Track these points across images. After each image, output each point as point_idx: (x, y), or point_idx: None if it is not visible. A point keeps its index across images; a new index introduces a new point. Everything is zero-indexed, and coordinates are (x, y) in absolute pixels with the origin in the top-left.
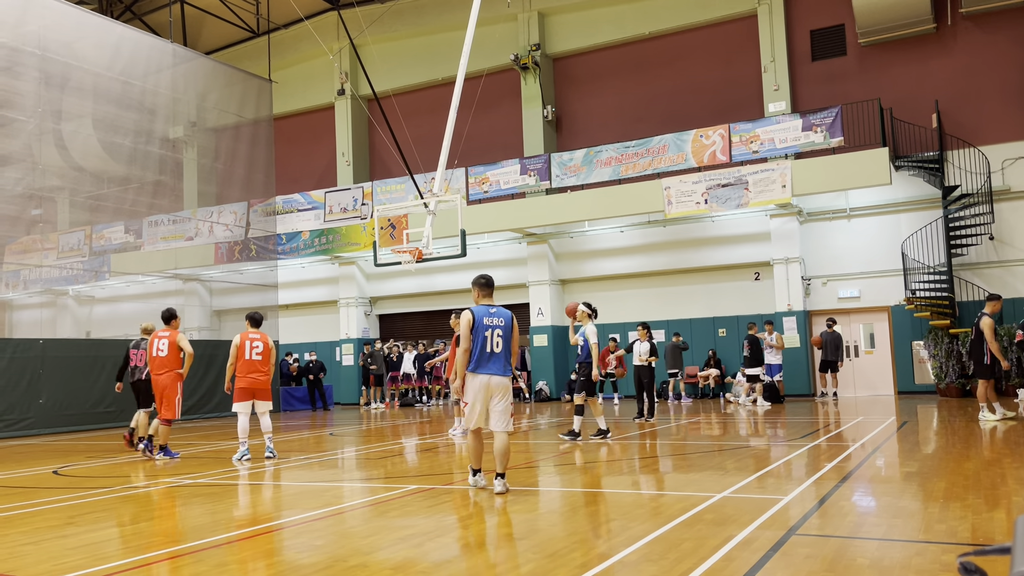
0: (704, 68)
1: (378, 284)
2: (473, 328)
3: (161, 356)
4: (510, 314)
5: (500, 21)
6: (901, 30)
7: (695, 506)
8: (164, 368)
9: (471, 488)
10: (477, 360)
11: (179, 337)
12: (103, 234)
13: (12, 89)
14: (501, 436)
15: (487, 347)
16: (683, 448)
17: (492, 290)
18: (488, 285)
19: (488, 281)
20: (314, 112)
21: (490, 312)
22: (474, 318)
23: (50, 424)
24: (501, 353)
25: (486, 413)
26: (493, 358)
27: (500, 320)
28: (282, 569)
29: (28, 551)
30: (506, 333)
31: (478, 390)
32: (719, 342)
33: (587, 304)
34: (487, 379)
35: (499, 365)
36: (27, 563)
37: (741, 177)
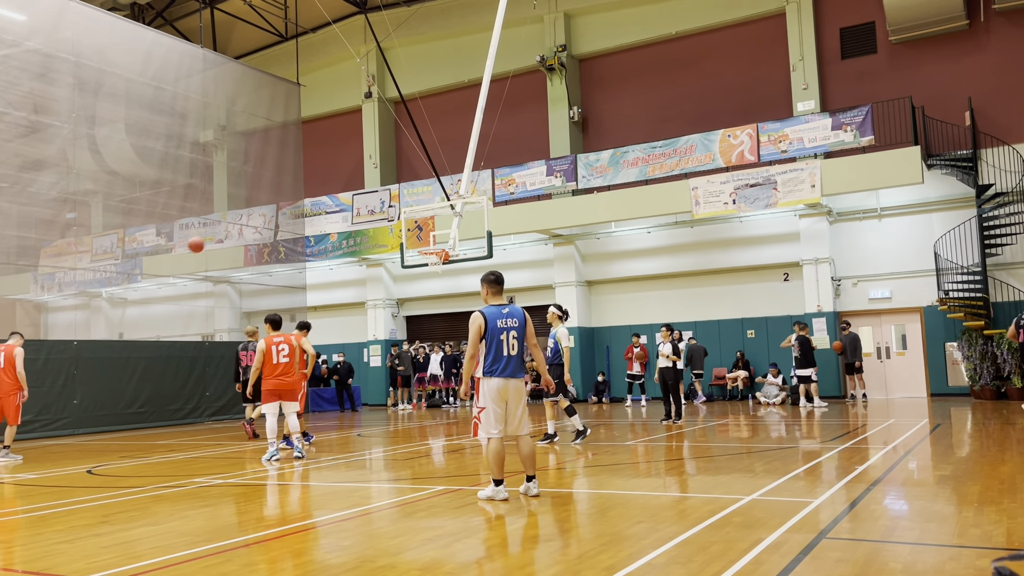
0: (731, 67)
1: (405, 286)
2: (486, 332)
3: None
4: (523, 312)
5: (526, 23)
6: (933, 27)
7: (723, 509)
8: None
9: (492, 501)
10: (493, 363)
11: (303, 340)
12: (135, 237)
13: (47, 95)
14: (525, 439)
15: (503, 350)
16: (711, 450)
17: (503, 287)
18: (498, 282)
19: (498, 278)
20: (342, 115)
21: (503, 313)
22: (486, 322)
23: (84, 424)
24: (517, 355)
25: (506, 417)
26: (510, 360)
27: (514, 320)
28: (311, 569)
29: (63, 549)
30: (520, 333)
31: (496, 394)
32: (747, 343)
33: (558, 306)
34: (504, 383)
35: (515, 367)
36: (62, 561)
37: (769, 177)
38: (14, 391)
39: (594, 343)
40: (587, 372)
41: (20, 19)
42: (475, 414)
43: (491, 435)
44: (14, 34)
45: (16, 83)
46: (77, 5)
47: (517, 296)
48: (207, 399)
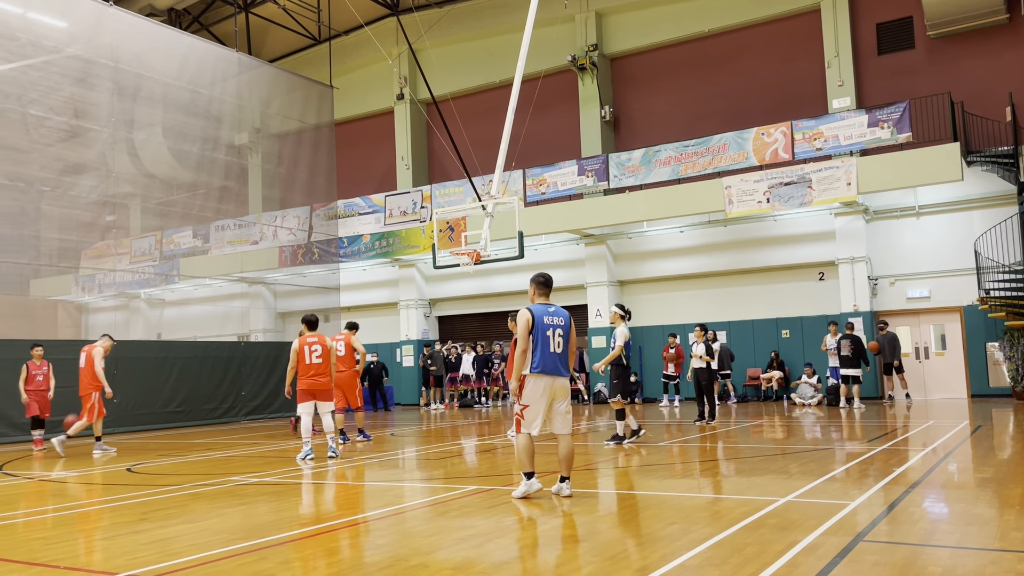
0: (765, 65)
1: (437, 286)
2: (533, 328)
3: (339, 355)
4: (568, 314)
5: (557, 22)
6: (972, 21)
7: (758, 510)
8: (345, 366)
9: (525, 495)
10: (540, 361)
11: (352, 339)
12: (172, 239)
13: (87, 100)
14: (566, 439)
15: (549, 347)
16: (745, 451)
17: (550, 290)
18: (547, 284)
19: (547, 280)
20: (374, 117)
21: (549, 311)
22: (533, 318)
23: (123, 423)
24: (562, 353)
25: (548, 416)
26: (555, 358)
27: (560, 319)
28: (344, 567)
29: (104, 546)
30: (566, 333)
31: (541, 392)
32: (782, 343)
33: (620, 305)
34: (551, 381)
35: (561, 366)
36: (103, 558)
37: (804, 175)
38: (93, 389)
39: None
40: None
41: (61, 26)
42: (517, 411)
43: (531, 431)
44: (55, 40)
45: (57, 88)
46: (116, 11)
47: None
48: (243, 398)
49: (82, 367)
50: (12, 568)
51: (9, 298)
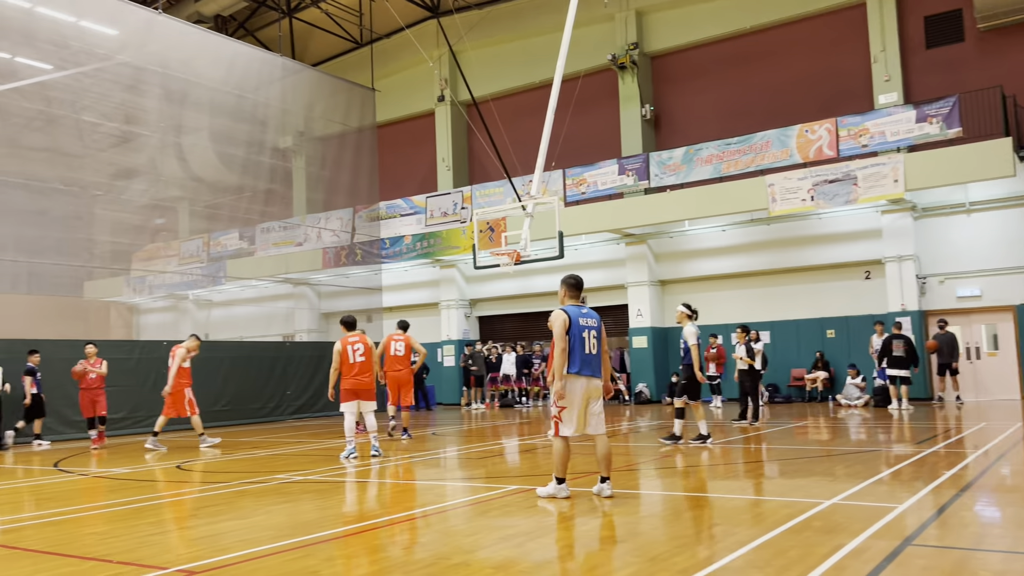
0: (809, 60)
1: (477, 286)
2: (570, 328)
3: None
4: (599, 315)
5: (597, 22)
6: (1023, 14)
7: (802, 513)
8: (402, 365)
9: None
10: (578, 362)
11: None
12: (219, 241)
13: (137, 106)
14: (603, 439)
15: (584, 348)
16: (789, 453)
17: (581, 291)
18: (578, 286)
19: (578, 282)
20: (415, 119)
21: (583, 312)
22: (570, 318)
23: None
24: (596, 354)
25: (585, 418)
26: (590, 359)
27: (593, 321)
28: (387, 565)
29: (155, 541)
30: (599, 334)
31: (579, 393)
32: (827, 343)
33: (687, 305)
34: (587, 381)
35: (596, 366)
36: (154, 552)
37: (850, 172)
38: (184, 386)
39: (667, 343)
40: (660, 373)
41: (112, 34)
42: (555, 413)
43: (569, 433)
44: (106, 48)
45: (108, 95)
46: (165, 19)
47: (589, 296)
48: (287, 398)
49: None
50: (67, 562)
51: (64, 300)
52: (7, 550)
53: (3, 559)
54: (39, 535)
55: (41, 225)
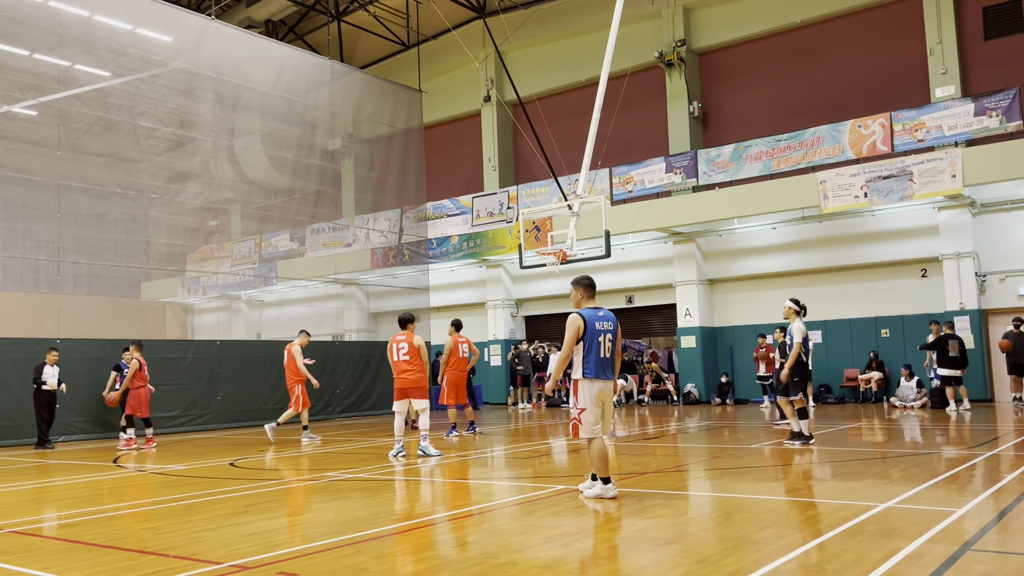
0: (861, 54)
1: (524, 286)
2: (586, 333)
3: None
4: (615, 317)
5: (644, 19)
6: None
7: (856, 516)
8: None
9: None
10: (594, 366)
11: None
12: (271, 242)
13: (192, 111)
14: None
15: (601, 352)
16: (842, 455)
17: (595, 292)
18: (592, 287)
19: (592, 283)
20: (461, 119)
21: (599, 316)
22: (585, 323)
23: (226, 419)
24: (611, 358)
25: (603, 418)
26: (606, 363)
27: (609, 324)
28: (436, 563)
29: (208, 536)
30: (615, 337)
31: (596, 396)
32: (881, 343)
33: (795, 300)
34: (603, 385)
35: (609, 370)
36: (207, 548)
37: (905, 168)
38: (296, 381)
39: (717, 343)
40: (710, 373)
41: (167, 40)
42: (574, 415)
43: (593, 434)
44: (162, 55)
45: (164, 101)
46: (218, 25)
47: (636, 295)
48: (337, 396)
49: (285, 363)
50: (125, 556)
51: (123, 300)
52: (69, 544)
53: (65, 552)
54: (98, 529)
55: (101, 228)
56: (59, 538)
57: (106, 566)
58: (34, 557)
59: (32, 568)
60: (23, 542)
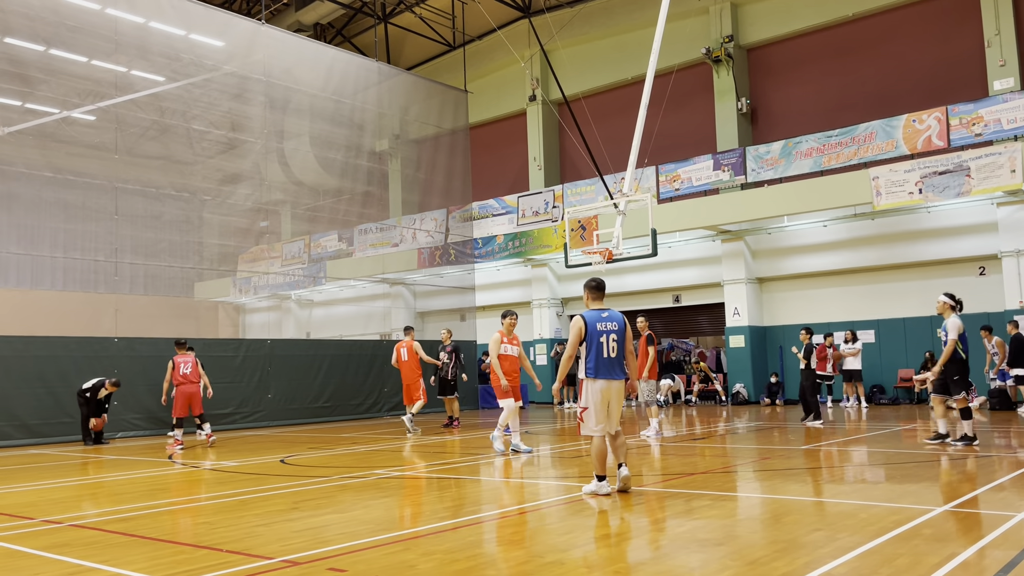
0: (916, 47)
1: (569, 285)
2: (587, 334)
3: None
4: (623, 317)
5: (691, 15)
6: None
7: (911, 519)
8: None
9: (595, 495)
10: (595, 366)
11: None
12: (320, 242)
13: (243, 114)
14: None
15: (603, 352)
16: (896, 456)
17: (603, 294)
18: (599, 289)
19: (599, 285)
20: (507, 119)
21: (602, 317)
22: (586, 325)
23: (277, 417)
24: (617, 357)
25: (609, 417)
26: (610, 363)
27: (614, 324)
28: (482, 561)
29: (260, 532)
30: (620, 336)
31: (599, 396)
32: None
33: (949, 295)
34: (606, 384)
35: (616, 369)
36: (260, 543)
37: (961, 163)
38: (419, 376)
39: (766, 343)
40: (758, 373)
41: (219, 45)
42: (578, 413)
43: (594, 433)
44: (214, 59)
45: (216, 104)
46: (268, 29)
47: (683, 294)
48: (385, 394)
49: (404, 360)
50: (181, 549)
51: (177, 300)
52: (126, 537)
53: (122, 546)
54: (155, 523)
55: (156, 229)
56: (118, 531)
57: (163, 559)
58: (95, 550)
59: (92, 560)
60: (84, 535)
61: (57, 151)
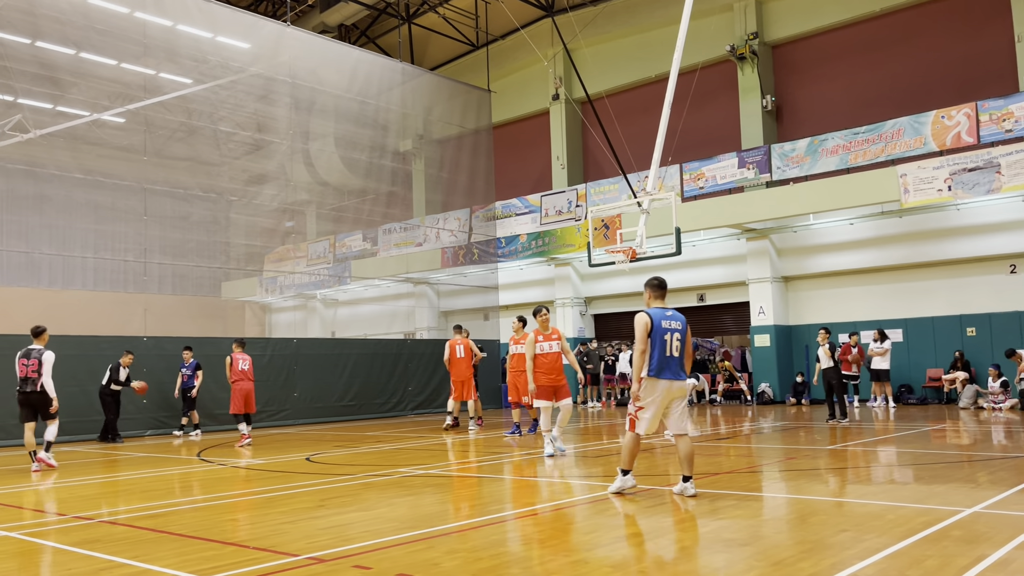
0: (944, 43)
1: (592, 284)
2: (652, 331)
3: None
4: (684, 318)
5: (715, 12)
6: None
7: (940, 521)
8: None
9: (619, 491)
10: (658, 364)
11: None
12: (344, 242)
13: (269, 115)
14: (685, 440)
15: (667, 350)
16: (924, 457)
17: (665, 292)
18: (661, 287)
19: (661, 283)
20: (530, 118)
21: (667, 315)
22: (652, 321)
23: (302, 415)
24: (679, 357)
25: (659, 420)
26: (673, 362)
27: (677, 323)
28: (506, 560)
29: (287, 529)
30: (683, 336)
31: (658, 395)
32: (967, 342)
33: None
34: (668, 384)
35: (678, 369)
36: (286, 540)
37: (992, 159)
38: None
39: (791, 342)
40: (784, 373)
41: (245, 47)
42: (632, 412)
43: (646, 433)
44: (240, 61)
45: (243, 105)
46: (293, 31)
47: (708, 293)
48: (409, 393)
49: (460, 357)
50: (209, 546)
51: (205, 300)
52: (155, 534)
53: (153, 542)
54: (183, 520)
55: (184, 229)
56: (147, 528)
57: (191, 555)
58: (124, 546)
59: (122, 556)
60: (114, 531)
61: (88, 153)
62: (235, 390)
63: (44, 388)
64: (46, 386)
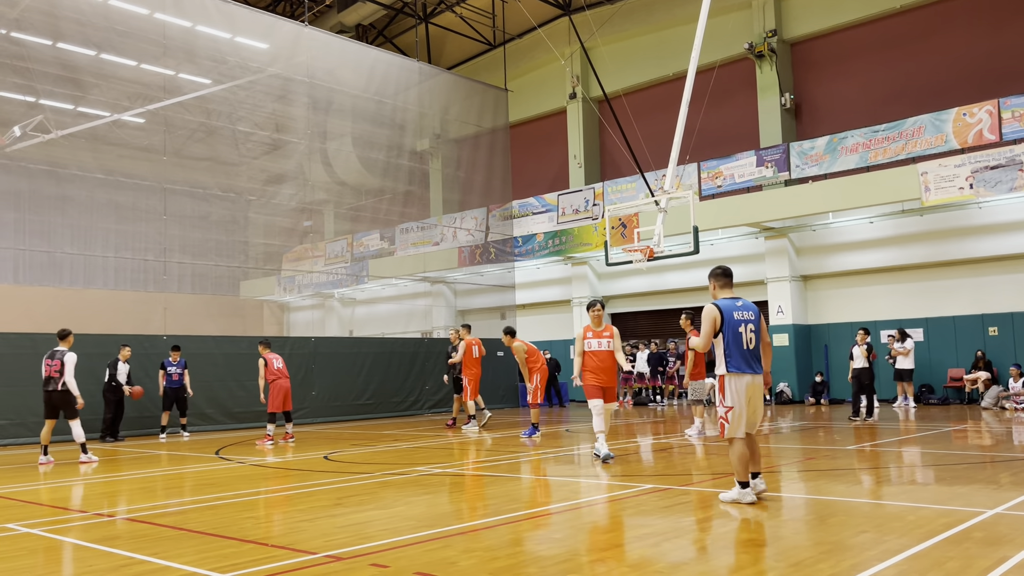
0: (966, 40)
1: (610, 283)
2: (723, 324)
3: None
4: (756, 307)
5: (733, 10)
6: None
7: (961, 522)
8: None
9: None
10: (738, 359)
11: None
12: (362, 241)
13: (287, 115)
14: (752, 437)
15: (742, 343)
16: (946, 458)
17: (732, 281)
18: (727, 275)
19: (727, 271)
20: (547, 117)
21: (737, 305)
22: (722, 313)
23: (320, 414)
24: (755, 349)
25: (750, 416)
26: (750, 355)
27: (750, 313)
28: (523, 559)
29: (304, 527)
30: (757, 327)
31: (743, 391)
32: (989, 341)
33: None
34: (751, 379)
35: (756, 363)
36: (304, 538)
37: (1015, 157)
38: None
39: (811, 341)
40: (803, 372)
41: (263, 47)
42: (722, 414)
43: (737, 436)
44: (258, 61)
45: (261, 106)
46: (311, 31)
47: None
48: (426, 392)
49: (475, 357)
50: (228, 543)
51: (224, 298)
52: (175, 531)
53: (173, 539)
54: (202, 518)
55: (203, 229)
56: (167, 525)
57: (211, 552)
58: (144, 543)
59: (142, 553)
60: (134, 528)
61: (108, 153)
62: (273, 388)
63: (66, 387)
64: (69, 385)
